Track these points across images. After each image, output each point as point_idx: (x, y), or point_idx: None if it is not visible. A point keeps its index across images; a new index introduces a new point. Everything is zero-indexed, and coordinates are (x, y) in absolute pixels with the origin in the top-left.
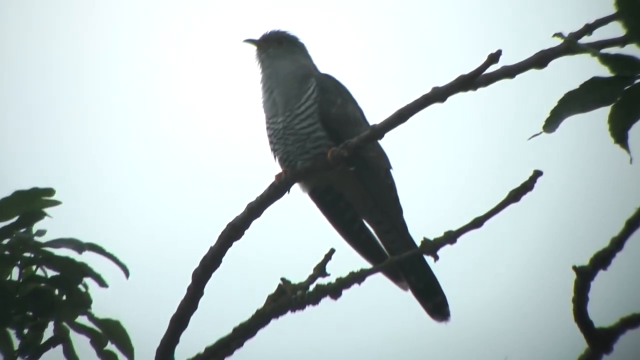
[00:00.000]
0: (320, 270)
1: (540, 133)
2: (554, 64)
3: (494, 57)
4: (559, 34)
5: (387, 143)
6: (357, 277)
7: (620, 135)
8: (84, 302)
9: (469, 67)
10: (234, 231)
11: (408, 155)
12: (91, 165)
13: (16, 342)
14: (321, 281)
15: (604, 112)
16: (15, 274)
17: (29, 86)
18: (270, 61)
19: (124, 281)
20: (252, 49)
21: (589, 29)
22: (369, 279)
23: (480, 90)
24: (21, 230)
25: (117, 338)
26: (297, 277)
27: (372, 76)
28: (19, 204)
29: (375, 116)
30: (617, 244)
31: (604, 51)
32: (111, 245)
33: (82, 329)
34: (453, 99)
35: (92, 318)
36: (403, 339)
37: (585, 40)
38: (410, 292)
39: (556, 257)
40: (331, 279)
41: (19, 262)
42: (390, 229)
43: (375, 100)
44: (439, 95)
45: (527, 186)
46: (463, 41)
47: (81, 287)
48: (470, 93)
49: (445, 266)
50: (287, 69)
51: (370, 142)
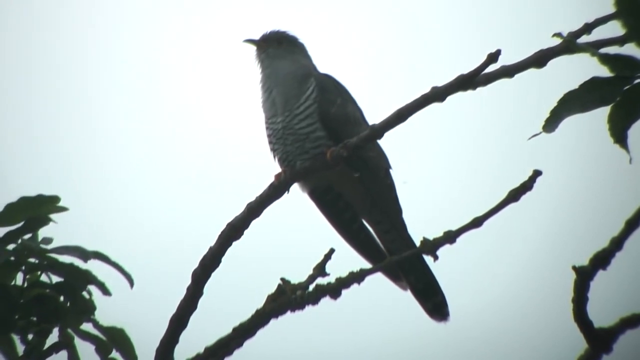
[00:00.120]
0: (320, 270)
1: (540, 133)
2: (553, 63)
3: (493, 57)
4: (558, 34)
5: (387, 143)
6: (357, 277)
7: (619, 135)
8: (87, 309)
9: (468, 67)
10: (234, 231)
11: (407, 155)
12: (91, 165)
13: (20, 348)
14: (321, 281)
15: (603, 112)
16: (19, 279)
17: (30, 87)
18: (269, 61)
19: (126, 284)
20: (252, 49)
21: (588, 28)
22: (369, 279)
23: (480, 90)
24: (26, 236)
25: (122, 346)
26: (297, 277)
27: (372, 76)
28: (24, 209)
29: (374, 116)
30: (617, 244)
31: (603, 51)
32: (112, 246)
33: (87, 336)
34: (452, 99)
35: (97, 325)
36: (402, 339)
37: (584, 39)
38: (410, 292)
39: (556, 257)
40: (331, 278)
41: (23, 268)
42: (390, 229)
43: (375, 100)
44: (438, 94)
45: (526, 186)
46: (462, 41)
47: (85, 293)
48: (470, 93)
49: (444, 266)
50: (287, 69)
51: (370, 141)
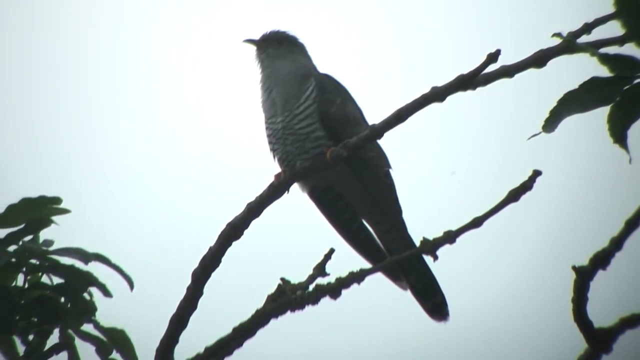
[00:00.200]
0: (320, 270)
1: (540, 133)
2: (553, 63)
3: (492, 57)
4: (557, 34)
5: (387, 143)
6: (357, 277)
7: (619, 135)
8: (88, 310)
9: (468, 67)
10: (233, 231)
11: (407, 155)
12: (91, 165)
13: (21, 348)
14: (321, 281)
15: (603, 112)
16: (20, 280)
17: (30, 87)
18: (269, 61)
19: (126, 284)
20: (252, 49)
21: (587, 28)
22: (369, 279)
23: (480, 90)
24: (28, 238)
25: (122, 347)
26: (297, 276)
27: (372, 76)
28: (26, 211)
29: (374, 116)
30: (617, 244)
31: (603, 50)
32: (112, 246)
33: (87, 337)
34: (452, 99)
35: (97, 326)
36: (402, 339)
37: (584, 39)
38: (410, 292)
39: (555, 257)
40: (331, 278)
41: (24, 269)
42: (390, 229)
43: (375, 100)
44: (438, 94)
45: (526, 186)
46: (462, 41)
47: (85, 295)
48: (470, 93)
49: (444, 266)
50: (287, 69)
51: (370, 141)
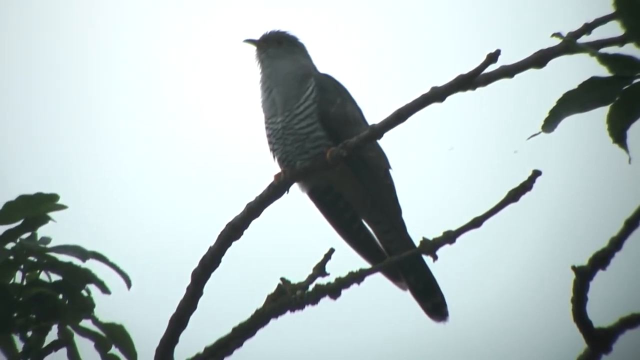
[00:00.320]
0: (320, 270)
1: (539, 133)
2: (553, 63)
3: (492, 57)
4: (557, 34)
5: (386, 143)
6: (357, 277)
7: (619, 135)
8: (86, 307)
9: (467, 67)
10: (233, 231)
11: (407, 155)
12: (91, 165)
13: (20, 345)
14: (320, 281)
15: (602, 112)
16: (18, 277)
17: (30, 87)
18: (269, 61)
19: (124, 283)
20: (252, 49)
21: (587, 28)
22: (368, 279)
23: (479, 90)
24: (25, 235)
25: (121, 342)
26: (297, 276)
27: (372, 76)
28: (23, 208)
29: (374, 116)
30: (616, 244)
31: (602, 51)
32: (112, 246)
33: (86, 333)
34: (452, 99)
35: (96, 322)
36: (402, 339)
37: (584, 39)
38: (409, 292)
39: (555, 257)
40: (330, 278)
41: (22, 266)
42: (390, 229)
43: (375, 100)
44: (437, 95)
45: (526, 186)
46: (462, 41)
47: (84, 292)
48: (469, 93)
49: (444, 266)
50: (287, 69)
51: (370, 142)
